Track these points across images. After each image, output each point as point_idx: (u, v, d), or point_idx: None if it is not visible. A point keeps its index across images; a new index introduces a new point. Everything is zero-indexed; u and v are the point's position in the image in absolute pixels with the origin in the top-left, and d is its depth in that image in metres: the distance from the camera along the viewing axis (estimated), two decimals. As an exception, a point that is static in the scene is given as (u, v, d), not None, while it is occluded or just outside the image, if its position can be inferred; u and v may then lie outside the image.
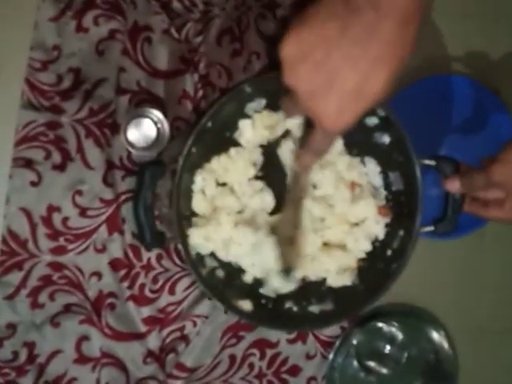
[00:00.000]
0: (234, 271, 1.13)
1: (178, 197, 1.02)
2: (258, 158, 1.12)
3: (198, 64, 1.16)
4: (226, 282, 1.11)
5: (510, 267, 1.33)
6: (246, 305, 1.07)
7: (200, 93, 1.16)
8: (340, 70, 0.74)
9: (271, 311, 1.11)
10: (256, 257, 1.09)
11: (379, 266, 1.11)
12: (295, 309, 1.11)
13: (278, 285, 1.11)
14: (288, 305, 1.12)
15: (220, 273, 1.11)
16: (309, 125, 0.92)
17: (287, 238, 1.09)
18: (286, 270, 1.10)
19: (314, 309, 1.11)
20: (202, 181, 1.09)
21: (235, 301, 1.07)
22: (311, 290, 1.14)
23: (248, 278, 1.13)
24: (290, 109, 0.92)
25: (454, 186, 1.06)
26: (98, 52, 1.14)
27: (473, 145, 1.19)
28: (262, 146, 1.13)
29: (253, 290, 1.12)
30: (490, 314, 1.33)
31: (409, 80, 1.24)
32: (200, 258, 1.10)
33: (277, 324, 1.12)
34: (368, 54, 0.73)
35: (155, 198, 1.00)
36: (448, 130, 1.26)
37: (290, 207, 1.09)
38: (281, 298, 1.12)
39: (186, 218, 1.08)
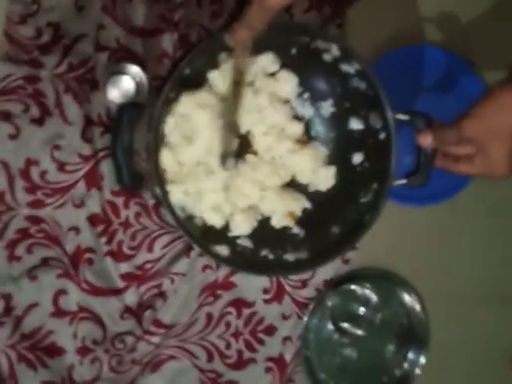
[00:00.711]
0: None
1: (156, 145, 0.99)
2: None
3: (178, 24, 1.15)
4: (203, 229, 1.09)
5: (481, 235, 1.33)
6: (223, 250, 1.05)
7: (179, 52, 1.14)
8: None
9: (247, 258, 1.09)
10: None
11: (353, 217, 1.09)
12: (271, 256, 1.09)
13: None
14: (264, 252, 1.09)
15: (198, 221, 1.09)
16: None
17: (228, 124, 1.05)
18: (224, 156, 1.06)
19: (290, 257, 1.09)
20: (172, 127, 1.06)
21: (212, 246, 1.05)
22: (286, 238, 1.13)
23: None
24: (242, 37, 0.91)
25: (426, 140, 1.04)
26: (78, 7, 1.11)
27: (445, 104, 1.19)
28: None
29: (227, 236, 1.10)
30: (462, 281, 1.32)
31: (385, 48, 1.25)
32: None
33: (252, 269, 1.09)
34: None
35: (133, 140, 0.97)
36: (422, 92, 1.28)
37: (233, 92, 1.03)
38: (257, 246, 1.10)
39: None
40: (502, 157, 0.97)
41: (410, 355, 1.29)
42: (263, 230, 1.12)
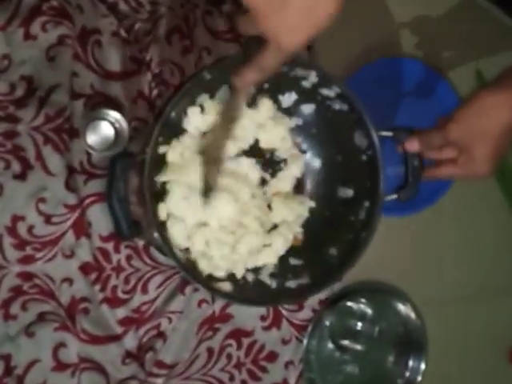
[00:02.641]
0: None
1: (149, 187, 0.96)
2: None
3: (150, 63, 1.12)
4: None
5: (467, 239, 1.32)
6: (226, 286, 1.02)
7: (155, 92, 1.12)
8: None
9: (250, 290, 1.06)
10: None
11: (349, 237, 1.07)
12: (273, 285, 1.07)
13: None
14: (266, 282, 1.07)
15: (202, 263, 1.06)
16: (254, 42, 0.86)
17: (213, 159, 1.02)
18: (206, 192, 1.02)
19: (292, 284, 1.06)
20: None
21: (215, 283, 1.02)
22: (286, 266, 1.10)
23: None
24: (245, 27, 0.85)
25: (413, 145, 1.04)
26: (49, 58, 1.07)
27: (422, 118, 1.17)
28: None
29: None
30: (452, 283, 1.32)
31: (355, 65, 1.24)
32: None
33: (257, 301, 1.07)
34: None
35: (128, 189, 0.94)
36: (398, 105, 1.27)
37: (221, 128, 1.01)
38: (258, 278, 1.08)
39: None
40: (485, 157, 0.98)
41: (411, 363, 1.28)
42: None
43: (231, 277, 1.06)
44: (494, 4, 1.30)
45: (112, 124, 1.04)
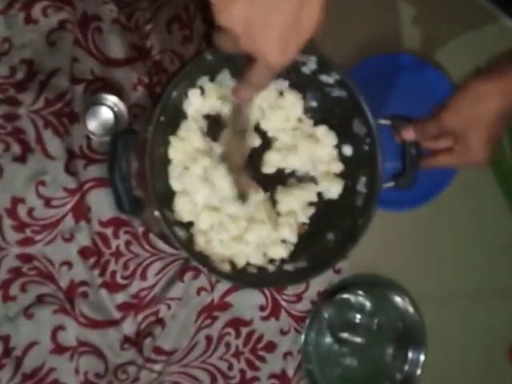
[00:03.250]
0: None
1: (151, 171, 0.95)
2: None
3: (151, 51, 1.12)
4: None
5: (466, 235, 1.32)
6: (225, 266, 1.02)
7: (154, 79, 1.12)
8: (275, 3, 0.70)
9: (249, 272, 1.05)
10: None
11: (346, 223, 1.07)
12: (271, 268, 1.06)
13: (235, 210, 1.05)
14: (264, 265, 1.07)
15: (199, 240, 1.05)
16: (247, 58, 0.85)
17: (237, 166, 1.03)
18: (241, 196, 1.04)
19: (289, 267, 1.06)
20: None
21: (214, 263, 1.01)
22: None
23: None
24: (226, 46, 0.81)
25: (408, 133, 1.05)
26: (50, 43, 1.08)
27: (419, 108, 1.18)
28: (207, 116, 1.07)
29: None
30: (452, 279, 1.32)
31: (355, 58, 1.25)
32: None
33: (255, 283, 1.07)
34: None
35: (130, 166, 0.94)
36: (395, 98, 1.28)
37: (235, 138, 1.03)
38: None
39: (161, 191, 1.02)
40: (480, 145, 0.99)
41: (410, 357, 1.27)
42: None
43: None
44: (492, 2, 1.31)
45: (111, 109, 1.05)
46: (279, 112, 1.08)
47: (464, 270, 1.32)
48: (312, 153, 1.10)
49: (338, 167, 1.10)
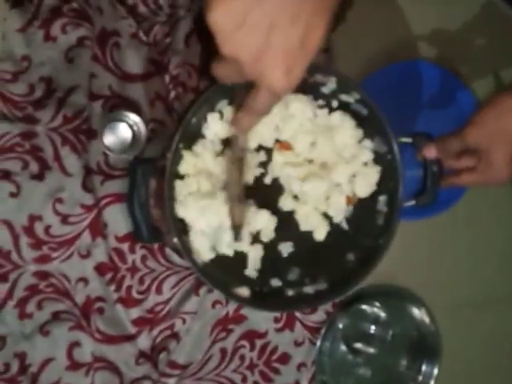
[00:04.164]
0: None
1: (170, 198, 0.95)
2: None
3: (168, 65, 1.12)
4: (222, 270, 1.04)
5: (481, 243, 1.30)
6: (244, 291, 1.02)
7: (172, 94, 1.12)
8: (280, 28, 0.68)
9: (268, 296, 1.05)
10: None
11: (367, 243, 1.06)
12: (291, 293, 1.06)
13: (229, 241, 1.01)
14: (284, 290, 1.06)
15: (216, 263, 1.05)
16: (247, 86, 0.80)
17: (235, 196, 0.99)
18: (235, 229, 1.00)
19: (309, 290, 1.06)
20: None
21: (233, 288, 1.01)
22: (304, 271, 1.08)
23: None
24: (227, 76, 0.79)
25: (430, 151, 1.03)
26: (68, 60, 1.08)
27: (440, 122, 1.17)
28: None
29: (245, 276, 1.05)
30: (467, 289, 1.30)
31: (372, 68, 1.23)
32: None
33: (276, 307, 1.07)
34: (306, 5, 0.67)
35: (149, 194, 0.94)
36: (417, 110, 1.25)
37: (233, 168, 0.97)
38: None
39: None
40: (503, 162, 0.98)
41: (424, 368, 1.26)
42: (281, 265, 1.08)
43: (249, 281, 1.05)
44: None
45: (130, 126, 1.05)
46: (291, 122, 1.06)
47: (480, 278, 1.30)
48: (333, 143, 1.06)
49: (366, 155, 1.06)
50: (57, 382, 1.08)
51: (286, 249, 1.07)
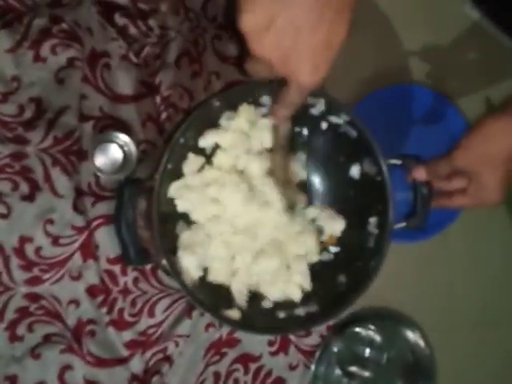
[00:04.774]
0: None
1: (157, 215, 0.95)
2: None
3: (159, 87, 1.12)
4: (213, 292, 1.04)
5: (476, 265, 1.32)
6: (235, 314, 1.01)
7: (163, 115, 1.12)
8: (306, 29, 0.73)
9: (259, 319, 1.04)
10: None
11: (358, 265, 1.05)
12: (282, 315, 1.05)
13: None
14: (275, 312, 1.05)
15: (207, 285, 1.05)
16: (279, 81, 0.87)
17: (284, 180, 1.06)
18: (290, 207, 1.05)
19: (300, 312, 1.05)
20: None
21: (223, 310, 1.00)
22: None
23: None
24: (259, 71, 0.86)
25: (420, 173, 1.03)
26: (58, 80, 1.08)
27: (431, 144, 1.17)
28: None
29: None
30: (461, 310, 1.31)
31: (369, 88, 1.25)
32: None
33: (266, 330, 1.05)
34: (330, 5, 0.72)
35: (136, 216, 0.94)
36: (408, 132, 1.27)
37: (277, 154, 1.04)
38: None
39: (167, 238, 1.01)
40: (493, 184, 0.98)
41: (419, 391, 1.26)
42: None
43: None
44: (502, 32, 1.30)
45: (121, 147, 1.04)
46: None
47: (474, 299, 1.31)
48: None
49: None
50: (48, 406, 1.07)
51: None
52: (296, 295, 1.05)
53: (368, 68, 1.26)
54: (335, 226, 1.08)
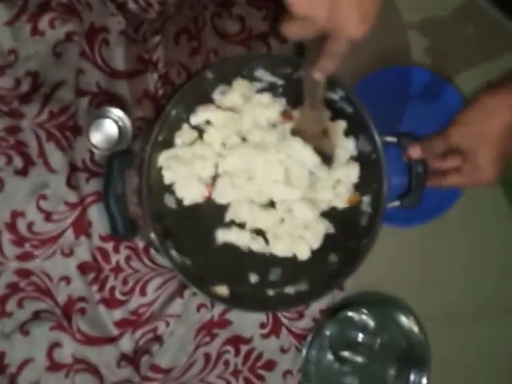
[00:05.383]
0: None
1: (148, 189, 0.95)
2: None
3: (157, 63, 1.11)
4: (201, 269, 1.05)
5: (473, 251, 1.31)
6: (223, 290, 1.01)
7: (160, 92, 1.11)
8: None
9: (248, 296, 1.06)
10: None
11: (350, 244, 1.07)
12: (271, 292, 1.05)
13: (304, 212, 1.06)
14: (265, 289, 1.07)
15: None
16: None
17: (317, 134, 1.03)
18: (326, 161, 1.04)
19: (290, 290, 1.06)
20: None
21: (212, 286, 1.01)
22: (286, 272, 1.09)
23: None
24: (297, 33, 0.82)
25: (415, 151, 1.04)
26: (56, 55, 1.07)
27: (428, 122, 1.16)
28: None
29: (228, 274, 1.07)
30: (458, 297, 1.30)
31: (368, 70, 1.23)
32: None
33: (255, 307, 1.07)
34: None
35: (125, 188, 0.93)
36: (405, 112, 1.26)
37: (311, 109, 1.00)
38: (259, 281, 1.08)
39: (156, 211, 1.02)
40: (488, 162, 0.97)
41: (412, 377, 1.26)
42: (262, 264, 1.09)
43: (229, 281, 1.05)
44: (503, 14, 1.29)
45: (116, 122, 1.04)
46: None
47: (470, 287, 1.30)
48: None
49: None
50: (36, 383, 1.06)
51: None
52: (304, 254, 1.06)
53: (366, 50, 1.24)
54: (351, 173, 1.08)
